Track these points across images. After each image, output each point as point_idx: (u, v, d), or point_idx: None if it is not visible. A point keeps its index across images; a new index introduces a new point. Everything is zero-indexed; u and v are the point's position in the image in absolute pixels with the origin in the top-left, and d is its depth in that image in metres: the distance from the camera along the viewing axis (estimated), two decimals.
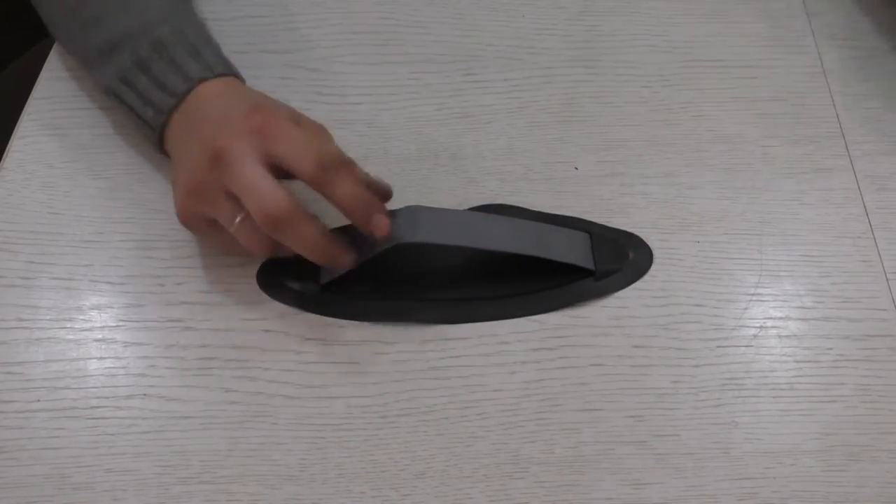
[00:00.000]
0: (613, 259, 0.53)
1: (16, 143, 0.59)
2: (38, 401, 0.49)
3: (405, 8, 0.66)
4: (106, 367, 0.51)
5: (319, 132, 0.50)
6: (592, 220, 0.56)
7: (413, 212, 0.50)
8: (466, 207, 0.56)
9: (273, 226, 0.46)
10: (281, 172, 0.47)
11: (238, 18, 0.65)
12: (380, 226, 0.48)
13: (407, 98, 0.61)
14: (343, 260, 0.49)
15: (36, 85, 0.61)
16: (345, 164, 0.48)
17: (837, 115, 0.61)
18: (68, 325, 0.52)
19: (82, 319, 0.52)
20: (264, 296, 0.53)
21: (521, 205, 0.56)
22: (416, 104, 0.61)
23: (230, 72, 0.53)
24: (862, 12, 0.66)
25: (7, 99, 0.66)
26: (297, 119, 0.49)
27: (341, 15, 0.65)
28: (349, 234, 0.50)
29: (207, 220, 0.49)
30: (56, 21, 0.57)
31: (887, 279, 0.54)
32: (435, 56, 0.63)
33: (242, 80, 0.54)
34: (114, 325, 0.52)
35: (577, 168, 0.58)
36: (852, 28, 0.65)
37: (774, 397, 0.50)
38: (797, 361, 0.52)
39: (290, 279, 0.52)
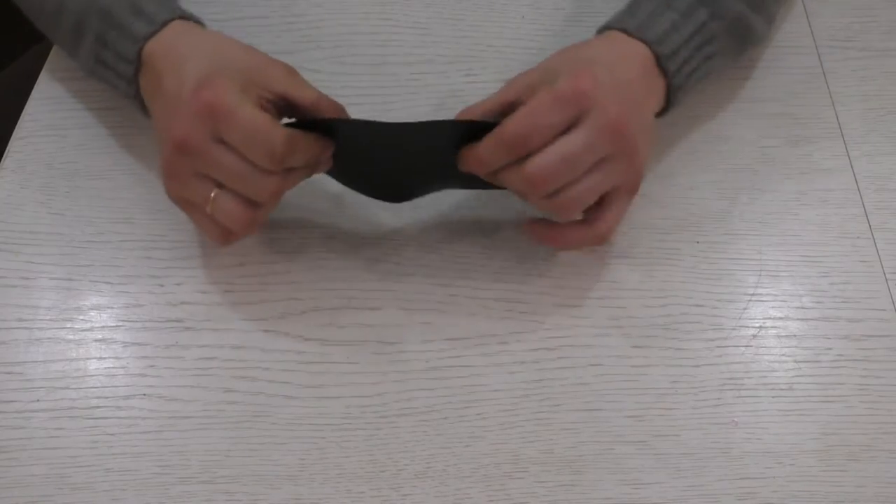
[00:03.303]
0: None
1: (15, 143, 0.59)
2: (38, 401, 0.49)
3: (405, 9, 0.66)
4: (106, 367, 0.51)
5: (263, 120, 0.46)
6: None
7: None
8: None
9: (279, 161, 0.46)
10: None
11: (239, 19, 0.65)
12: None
13: (407, 98, 0.61)
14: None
15: (35, 85, 0.61)
16: (293, 143, 0.46)
17: (837, 116, 0.61)
18: (68, 325, 0.52)
19: (82, 319, 0.52)
20: (264, 296, 0.53)
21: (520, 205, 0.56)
22: (416, 105, 0.61)
23: (174, 15, 0.52)
24: (862, 12, 0.66)
25: (7, 99, 0.67)
26: (246, 85, 0.47)
27: (341, 16, 0.65)
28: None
29: (190, 201, 0.49)
30: (36, 16, 0.58)
31: (886, 279, 0.54)
32: (435, 56, 0.63)
33: (192, 19, 0.53)
34: (114, 325, 0.52)
35: None
36: (852, 28, 0.65)
37: (774, 397, 0.50)
38: (796, 361, 0.52)
39: None
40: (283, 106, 0.49)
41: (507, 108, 0.48)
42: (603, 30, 0.54)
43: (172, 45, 0.51)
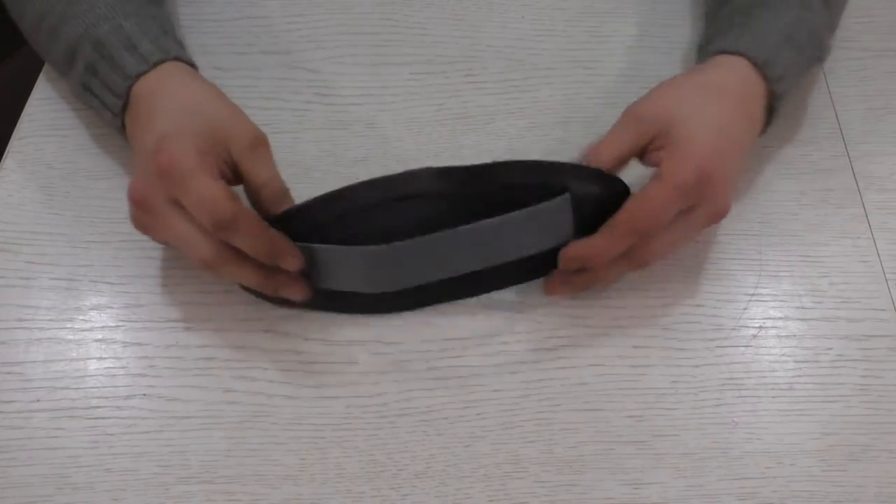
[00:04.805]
0: (595, 216, 0.50)
1: (15, 143, 0.59)
2: (38, 401, 0.49)
3: (405, 9, 0.66)
4: (106, 367, 0.51)
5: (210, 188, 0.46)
6: None
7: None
8: None
9: (223, 230, 0.46)
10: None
11: (238, 19, 0.65)
12: (291, 265, 0.48)
13: (407, 99, 0.61)
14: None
15: (35, 85, 0.61)
16: (237, 220, 0.46)
17: (837, 116, 0.61)
18: (68, 325, 0.52)
19: (82, 319, 0.52)
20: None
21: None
22: (415, 105, 0.61)
23: (167, 55, 0.52)
24: (862, 12, 0.66)
25: (7, 99, 0.67)
26: (207, 146, 0.48)
27: (341, 16, 0.65)
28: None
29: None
30: (28, 34, 0.58)
31: (886, 279, 0.54)
32: (434, 57, 0.63)
33: (184, 59, 0.53)
34: (114, 325, 0.52)
35: None
36: (852, 28, 0.65)
37: (774, 397, 0.50)
38: (796, 361, 0.52)
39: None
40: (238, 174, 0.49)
41: (633, 154, 0.52)
42: (724, 51, 0.54)
43: (156, 90, 0.51)
